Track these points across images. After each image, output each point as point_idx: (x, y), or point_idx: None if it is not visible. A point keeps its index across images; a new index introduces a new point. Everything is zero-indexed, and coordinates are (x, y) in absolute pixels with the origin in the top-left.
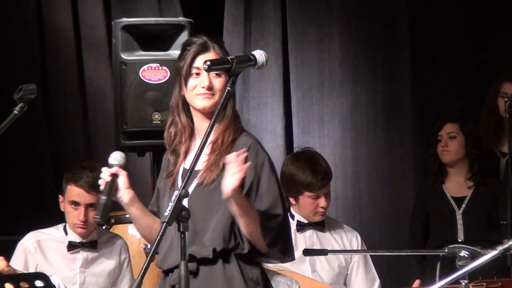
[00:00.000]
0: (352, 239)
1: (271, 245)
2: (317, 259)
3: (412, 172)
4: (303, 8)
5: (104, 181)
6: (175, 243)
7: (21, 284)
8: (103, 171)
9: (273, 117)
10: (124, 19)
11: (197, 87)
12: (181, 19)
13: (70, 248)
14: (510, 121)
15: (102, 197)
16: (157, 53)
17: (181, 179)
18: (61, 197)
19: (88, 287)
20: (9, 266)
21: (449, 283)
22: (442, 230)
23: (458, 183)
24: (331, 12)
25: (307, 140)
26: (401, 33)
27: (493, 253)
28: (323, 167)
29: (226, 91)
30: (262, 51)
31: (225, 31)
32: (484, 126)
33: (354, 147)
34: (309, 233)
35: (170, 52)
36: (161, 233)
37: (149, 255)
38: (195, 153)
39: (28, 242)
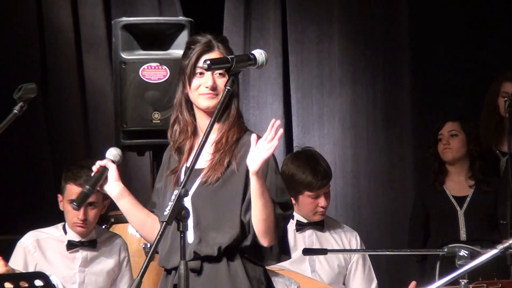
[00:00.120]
0: (351, 239)
1: (280, 237)
2: (316, 259)
3: (411, 171)
4: (303, 7)
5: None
6: (178, 242)
7: (20, 283)
8: (95, 164)
9: (272, 116)
10: (124, 19)
11: (200, 86)
12: (181, 18)
13: (69, 247)
14: (510, 121)
15: (85, 186)
16: (157, 53)
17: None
18: (60, 196)
19: (87, 286)
20: (7, 265)
21: (448, 282)
22: (443, 230)
23: (459, 182)
24: (331, 11)
25: (307, 139)
26: (401, 33)
27: (493, 252)
28: (323, 167)
29: (226, 90)
30: (262, 50)
31: (225, 30)
32: (484, 125)
33: (353, 147)
34: (309, 233)
35: (170, 51)
36: (160, 233)
37: (149, 254)
38: (195, 153)
39: (27, 241)
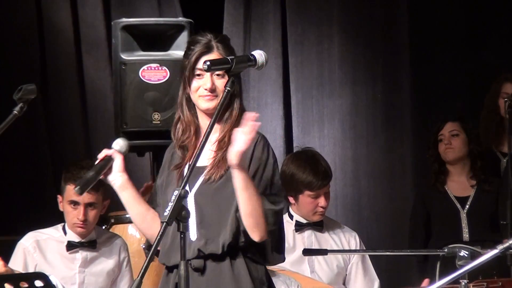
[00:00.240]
0: (350, 239)
1: (271, 232)
2: (315, 260)
3: (411, 172)
4: (302, 8)
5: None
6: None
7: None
8: (101, 152)
9: (273, 117)
10: (124, 19)
11: (200, 88)
12: (180, 19)
13: (69, 248)
14: (510, 122)
15: (89, 172)
16: (156, 53)
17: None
18: (60, 197)
19: (87, 287)
20: (6, 266)
21: (448, 282)
22: (445, 230)
23: (460, 183)
24: (330, 12)
25: (307, 140)
26: (401, 33)
27: (493, 252)
28: (324, 167)
29: (225, 91)
30: (261, 51)
31: (224, 31)
32: (484, 126)
33: (353, 147)
34: (308, 233)
35: (169, 52)
36: (160, 233)
37: (149, 255)
38: (195, 153)
39: (27, 242)
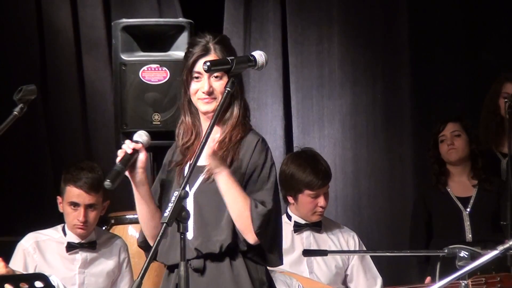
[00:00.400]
0: (349, 240)
1: (259, 235)
2: (314, 260)
3: (412, 172)
4: (302, 9)
5: (123, 152)
6: (177, 238)
7: (20, 285)
8: (126, 143)
9: (273, 118)
10: (124, 20)
11: (198, 91)
12: (181, 19)
13: (69, 248)
14: (510, 122)
15: (118, 164)
16: (157, 54)
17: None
18: (60, 198)
19: (87, 287)
20: (7, 267)
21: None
22: (448, 231)
23: (462, 183)
24: (330, 13)
25: (307, 140)
26: (401, 33)
27: (493, 253)
28: (324, 166)
29: (225, 91)
30: (262, 51)
31: (224, 31)
32: (484, 126)
33: (354, 148)
34: (306, 234)
35: (170, 52)
36: (160, 234)
37: (149, 255)
38: (195, 153)
39: (27, 243)
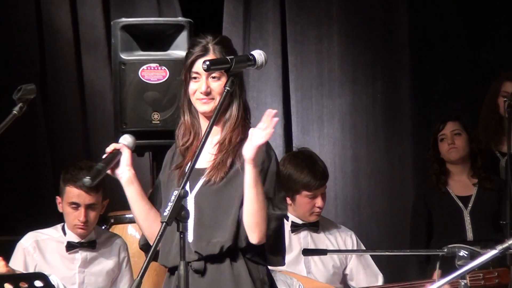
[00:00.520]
0: (346, 239)
1: (270, 237)
2: (311, 260)
3: (411, 172)
4: (302, 8)
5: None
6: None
7: (20, 284)
8: (110, 146)
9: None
10: (123, 19)
11: (196, 91)
12: (180, 19)
13: (68, 248)
14: (509, 121)
15: (99, 164)
16: (156, 53)
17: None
18: (59, 198)
19: (87, 286)
20: (7, 266)
21: (448, 282)
22: (449, 230)
23: (462, 182)
24: (330, 12)
25: (307, 140)
26: (401, 33)
27: (493, 252)
28: (321, 167)
29: (225, 91)
30: (261, 51)
31: (224, 31)
32: (484, 125)
33: (353, 147)
34: (304, 234)
35: (169, 52)
36: (160, 233)
37: (149, 255)
38: (194, 154)
39: (27, 242)
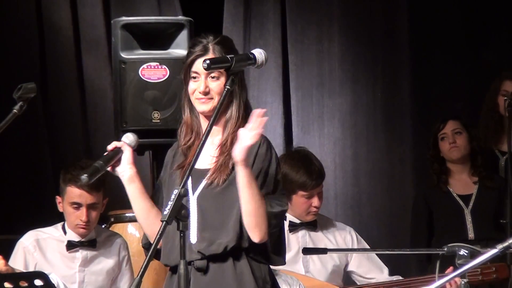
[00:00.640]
0: (346, 236)
1: (271, 235)
2: (310, 259)
3: (411, 170)
4: (302, 7)
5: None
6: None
7: (20, 283)
8: (111, 144)
9: (272, 116)
10: (123, 18)
11: (195, 91)
12: (180, 18)
13: (69, 247)
14: (510, 120)
15: (98, 161)
16: (156, 52)
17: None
18: (59, 198)
19: (87, 285)
20: (7, 265)
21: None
22: (449, 229)
23: (462, 181)
24: (330, 11)
25: (307, 139)
26: (401, 33)
27: (493, 251)
28: (317, 166)
29: (225, 90)
30: (261, 50)
31: (224, 30)
32: (484, 124)
33: (353, 146)
34: (302, 233)
35: (169, 51)
36: (160, 232)
37: (149, 254)
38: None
39: (27, 241)
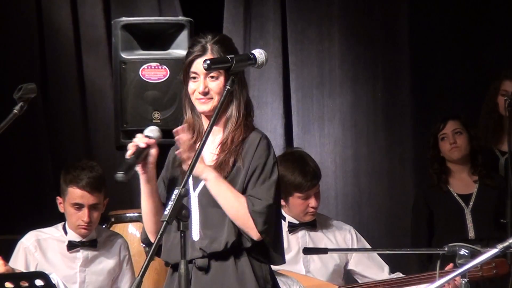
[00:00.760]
0: (345, 235)
1: (263, 232)
2: (310, 259)
3: (412, 170)
4: (302, 7)
5: (134, 146)
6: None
7: (21, 283)
8: (137, 137)
9: (273, 116)
10: (124, 18)
11: (195, 91)
12: (180, 18)
13: (70, 247)
14: (510, 120)
15: (131, 157)
16: (156, 52)
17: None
18: (60, 199)
19: (88, 285)
20: (7, 265)
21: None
22: (450, 229)
23: (462, 180)
24: (331, 11)
25: (307, 139)
26: (401, 33)
27: (493, 251)
28: (312, 167)
29: (225, 90)
30: (262, 50)
31: (224, 30)
32: (483, 124)
33: (354, 146)
34: (301, 233)
35: (170, 51)
36: (161, 232)
37: (149, 254)
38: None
39: (28, 241)
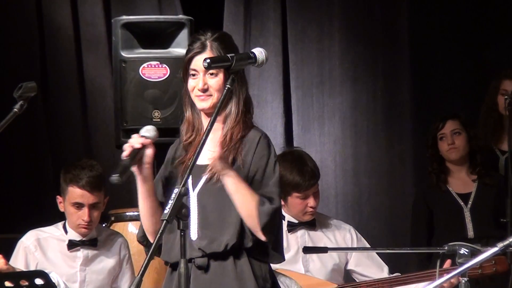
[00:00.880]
0: (345, 235)
1: (266, 232)
2: (310, 259)
3: (412, 169)
4: (303, 6)
5: (130, 146)
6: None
7: (21, 282)
8: (133, 137)
9: (273, 115)
10: (124, 17)
11: (194, 89)
12: (181, 16)
13: (70, 246)
14: (510, 119)
15: (125, 159)
16: (157, 51)
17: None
18: (60, 198)
19: (88, 284)
20: (7, 264)
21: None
22: (450, 228)
23: (461, 179)
24: (331, 10)
25: (307, 138)
26: (401, 32)
27: (493, 250)
28: (310, 167)
29: (225, 88)
30: (262, 48)
31: (225, 29)
32: (483, 123)
33: (354, 145)
34: (301, 233)
35: (170, 50)
36: (160, 231)
37: (149, 253)
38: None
39: (28, 240)
